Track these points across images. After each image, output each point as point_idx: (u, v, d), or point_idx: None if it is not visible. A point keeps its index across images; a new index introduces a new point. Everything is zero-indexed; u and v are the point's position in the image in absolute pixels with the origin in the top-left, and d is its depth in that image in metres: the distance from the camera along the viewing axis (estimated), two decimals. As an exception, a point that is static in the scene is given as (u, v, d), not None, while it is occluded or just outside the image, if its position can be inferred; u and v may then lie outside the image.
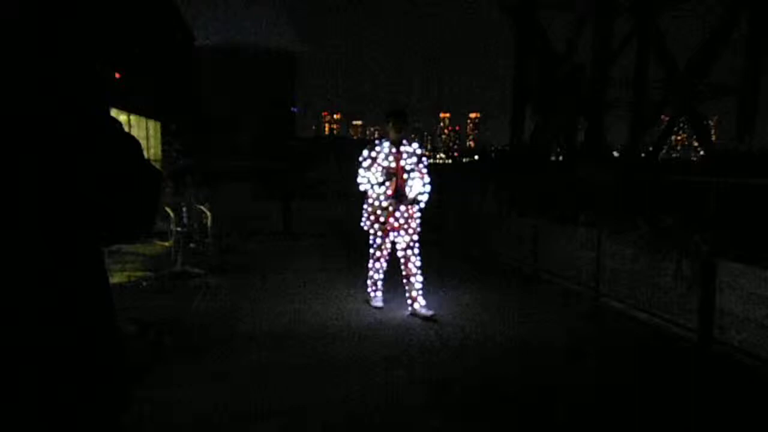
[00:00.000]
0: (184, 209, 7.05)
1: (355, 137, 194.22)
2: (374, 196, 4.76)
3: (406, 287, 4.87)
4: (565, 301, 5.54)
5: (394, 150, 4.72)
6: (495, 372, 3.68)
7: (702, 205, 4.57)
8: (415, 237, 4.80)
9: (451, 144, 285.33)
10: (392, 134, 4.74)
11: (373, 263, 5.03)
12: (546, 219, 6.64)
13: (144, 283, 5.81)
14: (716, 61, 18.55)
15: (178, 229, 6.69)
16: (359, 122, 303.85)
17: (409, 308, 4.86)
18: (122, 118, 15.35)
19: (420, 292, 4.83)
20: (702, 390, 3.47)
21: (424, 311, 4.76)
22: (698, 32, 18.13)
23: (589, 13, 19.58)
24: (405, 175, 4.74)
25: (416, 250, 4.81)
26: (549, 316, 4.96)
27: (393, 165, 4.70)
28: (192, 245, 6.79)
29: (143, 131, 18.02)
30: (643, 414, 3.11)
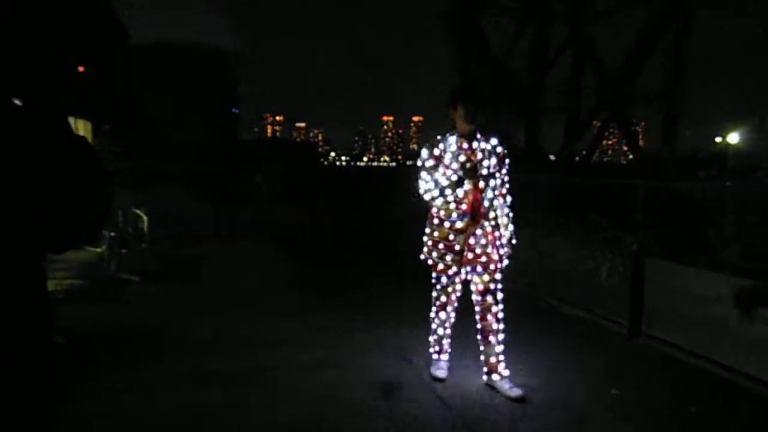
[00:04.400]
0: (119, 213, 6.75)
1: (298, 139, 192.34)
2: (442, 212, 3.34)
3: (481, 347, 3.47)
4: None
5: (465, 146, 3.31)
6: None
7: (631, 206, 4.81)
8: (498, 275, 3.37)
9: (394, 147, 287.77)
10: (462, 125, 3.30)
11: (437, 312, 3.54)
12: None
13: (60, 296, 5.43)
14: (643, 70, 19.64)
15: (112, 234, 6.39)
16: (303, 124, 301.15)
17: (484, 377, 3.48)
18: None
19: (502, 357, 3.40)
20: (630, 379, 3.66)
21: (507, 387, 3.33)
22: (631, 42, 19.14)
23: (527, 20, 20.26)
24: (482, 183, 3.31)
25: (499, 296, 3.39)
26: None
27: (467, 167, 3.32)
28: (124, 251, 6.50)
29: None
30: (571, 401, 3.25)
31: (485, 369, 3.44)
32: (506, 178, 3.44)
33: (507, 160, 3.43)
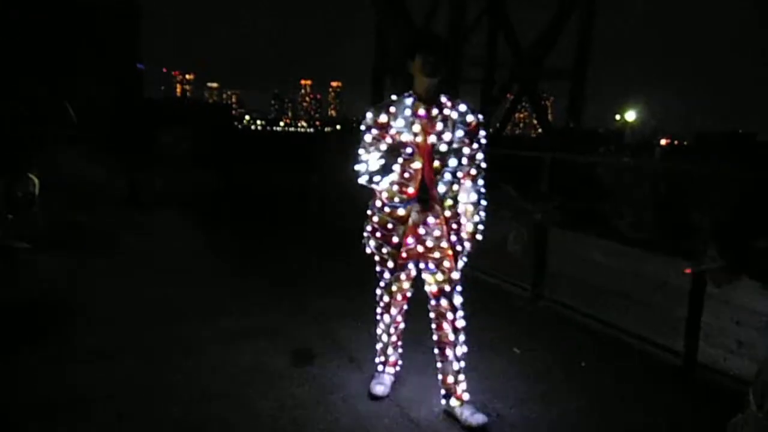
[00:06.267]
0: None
1: (210, 101, 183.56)
2: (383, 195, 2.74)
3: (438, 364, 2.86)
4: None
5: (422, 112, 2.64)
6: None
7: (537, 177, 5.06)
8: (456, 274, 2.77)
9: (312, 112, 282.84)
10: (420, 84, 2.65)
11: (381, 315, 2.98)
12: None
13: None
14: (554, 47, 20.50)
15: (-4, 197, 5.81)
16: (215, 85, 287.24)
17: (442, 401, 2.87)
18: None
19: (461, 377, 2.81)
20: (531, 339, 3.92)
21: (467, 414, 2.73)
22: (546, 18, 19.86)
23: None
24: (438, 162, 2.64)
25: (457, 300, 2.79)
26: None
27: (418, 139, 2.63)
28: (10, 216, 5.95)
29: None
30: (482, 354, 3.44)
31: (442, 391, 2.84)
32: (479, 156, 2.77)
33: (482, 133, 2.76)
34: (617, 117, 39.56)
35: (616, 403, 3.11)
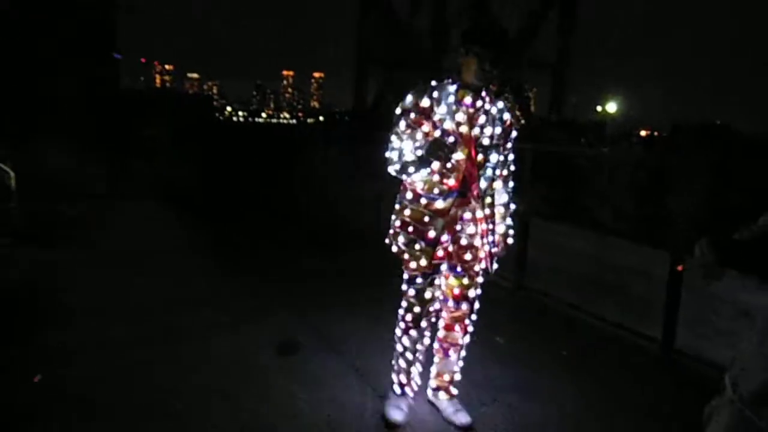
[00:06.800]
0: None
1: (191, 91, 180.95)
2: (418, 186, 2.50)
3: (435, 359, 2.79)
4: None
5: (467, 101, 2.43)
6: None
7: (520, 168, 5.08)
8: (480, 279, 2.64)
9: (294, 103, 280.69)
10: (469, 74, 2.43)
11: (406, 329, 2.63)
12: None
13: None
14: (536, 39, 20.61)
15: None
16: (196, 75, 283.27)
17: (428, 392, 2.84)
18: None
19: (457, 377, 2.78)
20: (513, 328, 3.97)
21: (452, 410, 2.71)
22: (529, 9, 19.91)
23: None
24: (481, 155, 2.45)
25: (476, 306, 2.69)
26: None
27: (462, 129, 2.42)
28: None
29: None
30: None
31: (433, 384, 2.79)
32: (511, 157, 2.60)
33: (514, 133, 2.57)
34: (598, 108, 39.88)
35: (597, 391, 3.16)
